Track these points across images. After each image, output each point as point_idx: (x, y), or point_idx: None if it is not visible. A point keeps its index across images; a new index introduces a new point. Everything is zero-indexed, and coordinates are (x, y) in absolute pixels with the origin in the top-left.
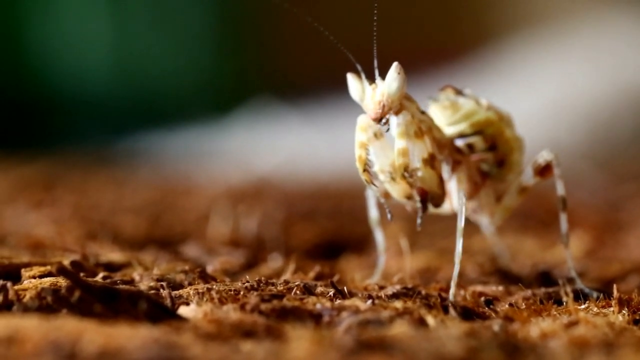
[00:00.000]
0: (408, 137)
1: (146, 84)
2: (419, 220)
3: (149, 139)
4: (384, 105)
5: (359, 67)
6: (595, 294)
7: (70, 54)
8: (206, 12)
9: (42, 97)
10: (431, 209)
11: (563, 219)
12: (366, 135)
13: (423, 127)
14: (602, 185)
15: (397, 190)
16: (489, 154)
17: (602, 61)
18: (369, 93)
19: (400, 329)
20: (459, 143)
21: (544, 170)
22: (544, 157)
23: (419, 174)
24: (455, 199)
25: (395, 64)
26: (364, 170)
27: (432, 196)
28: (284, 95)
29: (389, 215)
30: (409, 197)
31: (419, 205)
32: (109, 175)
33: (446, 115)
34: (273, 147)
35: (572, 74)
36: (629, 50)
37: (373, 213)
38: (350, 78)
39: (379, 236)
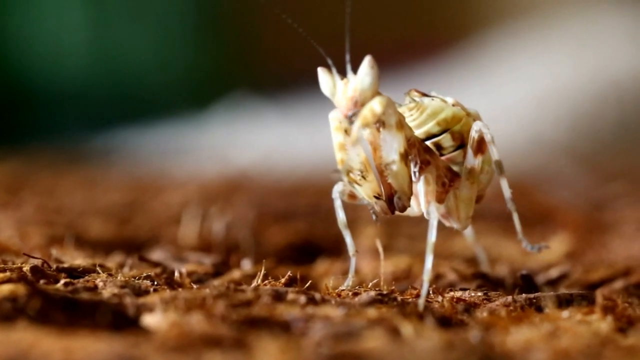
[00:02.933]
0: (389, 128)
1: (122, 78)
2: (374, 217)
3: (125, 134)
4: (356, 101)
5: (329, 62)
6: (543, 245)
7: (44, 46)
8: (184, 6)
9: (14, 91)
10: (399, 211)
11: (504, 184)
12: (342, 134)
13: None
14: (586, 184)
15: (366, 189)
16: (457, 152)
17: (587, 55)
18: (341, 88)
19: (375, 343)
20: (427, 144)
21: (480, 144)
22: (474, 129)
23: (394, 168)
24: (423, 201)
25: (368, 58)
26: (348, 172)
27: (400, 196)
28: (262, 89)
29: (374, 217)
30: (378, 196)
31: (375, 203)
32: (81, 175)
33: (412, 117)
34: (250, 143)
35: (556, 68)
36: (613, 44)
37: (341, 215)
38: (321, 72)
39: (349, 238)
